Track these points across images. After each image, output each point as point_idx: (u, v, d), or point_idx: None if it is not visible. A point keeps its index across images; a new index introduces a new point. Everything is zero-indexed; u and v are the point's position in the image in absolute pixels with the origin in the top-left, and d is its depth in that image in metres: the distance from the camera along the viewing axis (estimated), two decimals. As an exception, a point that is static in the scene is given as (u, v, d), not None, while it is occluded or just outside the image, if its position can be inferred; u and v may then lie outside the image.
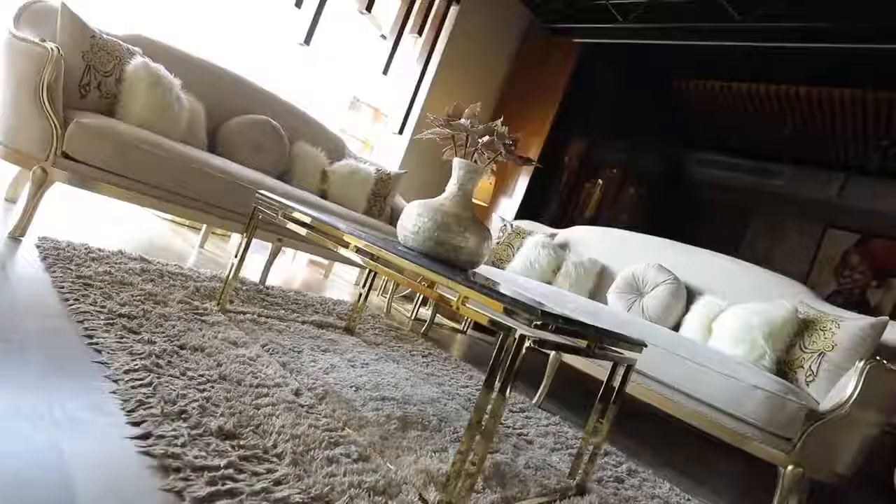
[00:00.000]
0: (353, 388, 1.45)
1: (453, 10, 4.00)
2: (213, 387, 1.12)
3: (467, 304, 1.06)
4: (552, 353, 2.19)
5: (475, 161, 1.56)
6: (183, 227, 3.22)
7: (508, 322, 0.94)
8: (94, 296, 1.39)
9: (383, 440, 1.18)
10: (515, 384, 0.98)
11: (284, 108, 3.03)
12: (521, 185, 4.25)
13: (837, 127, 4.55)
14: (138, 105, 2.13)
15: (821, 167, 5.72)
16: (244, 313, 1.78)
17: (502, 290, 0.99)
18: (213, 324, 1.53)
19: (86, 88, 2.05)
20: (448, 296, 1.28)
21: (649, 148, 6.18)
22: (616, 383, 1.38)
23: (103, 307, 1.34)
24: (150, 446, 0.85)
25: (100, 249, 1.84)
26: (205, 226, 2.87)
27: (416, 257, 1.27)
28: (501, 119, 1.44)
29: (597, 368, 2.12)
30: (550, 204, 4.59)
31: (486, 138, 1.52)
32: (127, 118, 2.10)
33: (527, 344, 0.94)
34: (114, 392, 0.99)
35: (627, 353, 1.35)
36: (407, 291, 3.90)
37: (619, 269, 2.90)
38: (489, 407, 0.97)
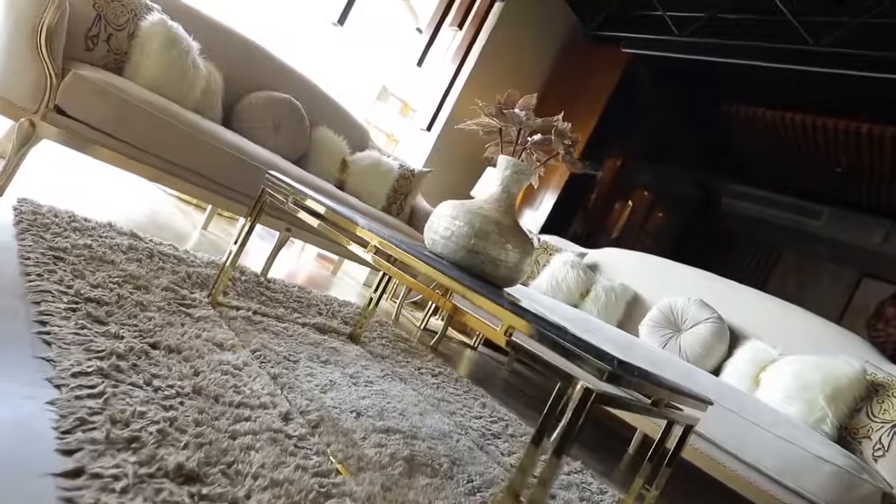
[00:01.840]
0: (354, 414, 1.22)
1: (497, 6, 3.79)
2: (182, 403, 0.90)
3: (513, 336, 0.82)
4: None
5: (522, 161, 1.33)
6: (189, 206, 3.02)
7: (572, 371, 0.71)
8: (62, 272, 1.18)
9: (386, 491, 0.95)
10: (573, 445, 0.74)
11: (309, 88, 2.82)
12: (550, 198, 4.01)
13: (900, 170, 4.24)
14: (150, 65, 1.93)
15: (867, 211, 5.40)
16: (237, 308, 1.56)
17: (569, 329, 0.76)
18: (198, 319, 1.31)
19: (93, 41, 1.85)
20: (478, 316, 1.05)
21: (685, 173, 5.90)
22: (671, 444, 1.14)
23: (69, 287, 1.12)
24: (77, 489, 0.63)
25: (86, 219, 1.63)
26: (210, 206, 2.66)
27: (447, 268, 1.04)
28: (562, 114, 1.21)
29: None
30: (575, 221, 4.34)
31: (538, 136, 1.29)
32: (135, 78, 1.90)
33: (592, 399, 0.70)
34: (51, 402, 0.76)
35: (688, 411, 1.11)
36: (418, 297, 3.67)
37: (652, 299, 2.65)
38: (536, 471, 0.73)
